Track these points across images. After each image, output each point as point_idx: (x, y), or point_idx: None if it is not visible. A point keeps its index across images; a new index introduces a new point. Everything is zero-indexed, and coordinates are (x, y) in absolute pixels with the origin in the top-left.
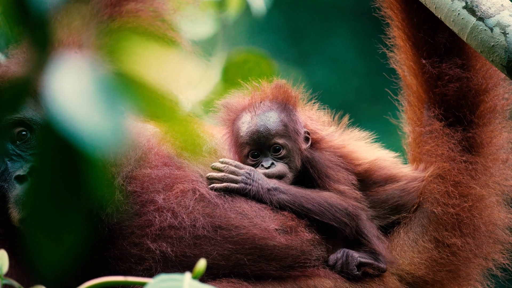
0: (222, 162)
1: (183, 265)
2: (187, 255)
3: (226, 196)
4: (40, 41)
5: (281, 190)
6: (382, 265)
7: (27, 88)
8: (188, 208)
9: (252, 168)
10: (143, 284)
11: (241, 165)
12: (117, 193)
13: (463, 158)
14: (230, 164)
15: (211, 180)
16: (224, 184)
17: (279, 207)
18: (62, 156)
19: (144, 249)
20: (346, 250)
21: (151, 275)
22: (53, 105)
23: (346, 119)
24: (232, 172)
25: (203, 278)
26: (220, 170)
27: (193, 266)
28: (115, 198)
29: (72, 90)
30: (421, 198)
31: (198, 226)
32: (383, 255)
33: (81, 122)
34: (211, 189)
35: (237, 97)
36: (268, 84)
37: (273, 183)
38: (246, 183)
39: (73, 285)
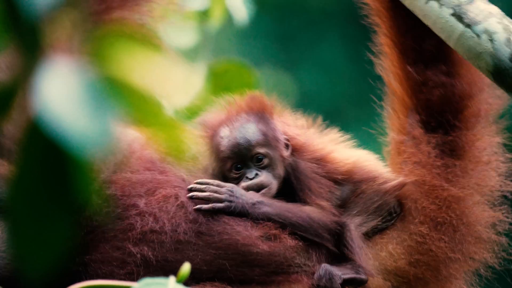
0: (202, 183)
1: (165, 269)
2: (168, 259)
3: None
4: (28, 47)
5: (266, 203)
6: (363, 277)
7: None
8: (170, 213)
9: (233, 185)
10: (128, 287)
11: (222, 183)
12: (95, 197)
13: (443, 161)
14: (211, 184)
15: (195, 199)
16: (211, 204)
17: (265, 220)
18: (46, 159)
19: (126, 252)
20: (328, 267)
21: (133, 279)
22: (39, 109)
23: (321, 120)
24: (215, 191)
25: (186, 282)
26: (202, 191)
27: (175, 271)
28: (94, 201)
29: (58, 95)
30: (399, 201)
31: (179, 231)
32: (364, 266)
33: (66, 126)
34: (197, 210)
35: (212, 113)
36: (242, 96)
37: (257, 197)
38: (230, 201)
39: None
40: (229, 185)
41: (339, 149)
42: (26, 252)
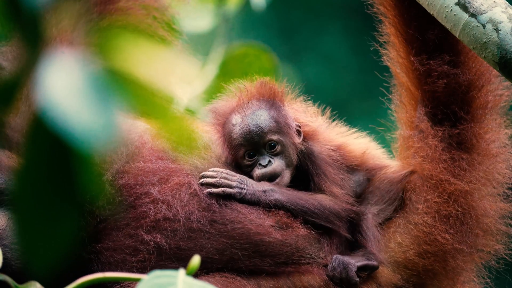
0: (213, 171)
1: (177, 257)
2: (181, 247)
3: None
4: (31, 38)
5: (277, 191)
6: (375, 263)
7: None
8: (183, 201)
9: (244, 176)
10: (138, 280)
11: (233, 173)
12: (107, 187)
13: (451, 155)
14: (222, 172)
15: (205, 185)
16: (220, 188)
17: (277, 207)
18: (53, 151)
19: (139, 240)
20: (340, 257)
21: (145, 267)
22: (44, 102)
23: (329, 112)
24: (226, 178)
25: (196, 273)
26: (213, 177)
27: (187, 259)
28: (106, 191)
29: (63, 87)
30: (405, 194)
31: (192, 219)
32: (374, 253)
33: (72, 119)
34: (207, 193)
35: (223, 100)
36: (252, 83)
37: (267, 185)
38: (241, 188)
39: (67, 277)
40: (240, 176)
41: (349, 137)
42: (33, 244)
